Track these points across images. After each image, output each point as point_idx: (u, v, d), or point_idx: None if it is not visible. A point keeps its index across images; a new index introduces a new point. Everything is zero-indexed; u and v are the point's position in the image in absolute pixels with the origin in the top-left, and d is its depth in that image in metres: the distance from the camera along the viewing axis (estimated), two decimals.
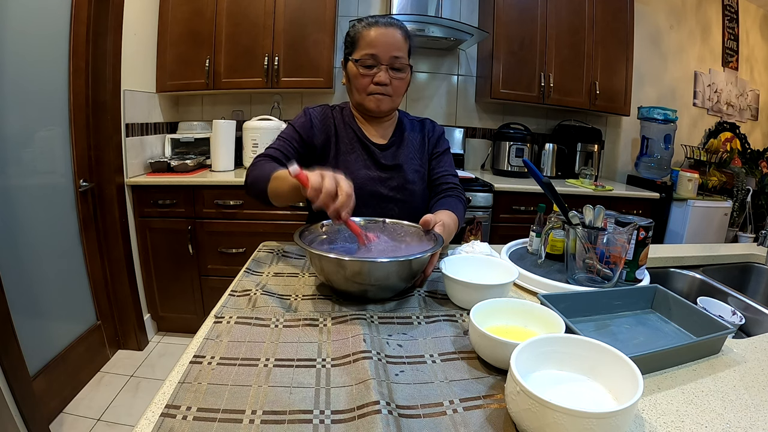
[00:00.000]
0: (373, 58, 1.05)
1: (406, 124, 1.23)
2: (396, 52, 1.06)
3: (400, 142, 1.18)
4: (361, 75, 1.07)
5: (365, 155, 1.14)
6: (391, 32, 1.05)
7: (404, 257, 0.77)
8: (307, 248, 0.78)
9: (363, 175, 1.11)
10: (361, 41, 1.06)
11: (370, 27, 1.06)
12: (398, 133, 1.19)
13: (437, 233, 0.91)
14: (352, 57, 1.08)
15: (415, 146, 1.20)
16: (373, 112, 1.12)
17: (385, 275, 0.78)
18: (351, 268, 0.76)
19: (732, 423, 0.53)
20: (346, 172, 1.09)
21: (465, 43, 2.69)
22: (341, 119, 1.17)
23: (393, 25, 1.07)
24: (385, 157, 1.15)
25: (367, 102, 1.09)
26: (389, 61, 1.05)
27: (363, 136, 1.15)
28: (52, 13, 1.75)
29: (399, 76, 1.08)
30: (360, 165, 1.12)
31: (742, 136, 3.42)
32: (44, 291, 1.75)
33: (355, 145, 1.14)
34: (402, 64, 1.07)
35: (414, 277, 0.84)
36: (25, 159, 1.67)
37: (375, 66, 1.06)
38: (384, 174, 1.14)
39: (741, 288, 1.28)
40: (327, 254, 0.75)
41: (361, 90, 1.09)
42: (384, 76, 1.06)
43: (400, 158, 1.16)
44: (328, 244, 0.93)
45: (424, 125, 1.25)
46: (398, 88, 1.10)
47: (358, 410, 0.51)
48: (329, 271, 0.79)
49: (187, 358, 0.61)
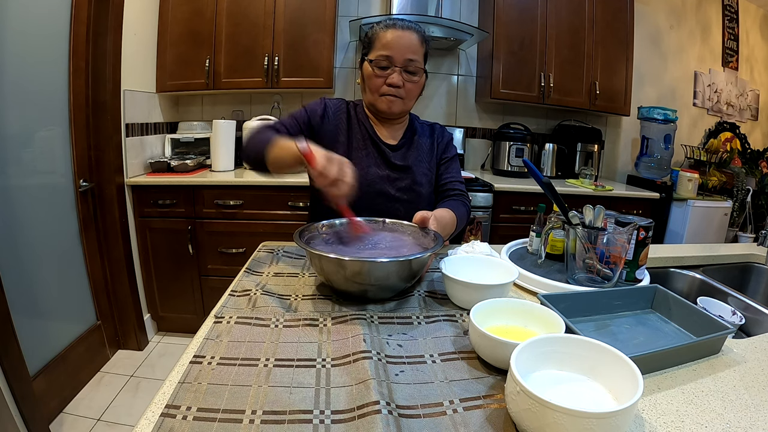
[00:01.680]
0: (387, 60, 1.06)
1: (417, 127, 1.24)
2: (411, 55, 1.06)
3: (410, 145, 1.19)
4: (375, 76, 1.08)
5: (376, 154, 1.15)
6: (407, 35, 1.06)
7: (404, 257, 0.77)
8: (307, 248, 0.78)
9: (372, 173, 1.12)
10: (377, 42, 1.07)
11: (387, 29, 1.07)
12: (408, 135, 1.20)
13: (437, 233, 0.90)
14: (367, 57, 1.09)
15: (425, 150, 1.21)
16: (385, 113, 1.13)
17: (385, 275, 0.78)
18: (351, 268, 0.76)
19: (732, 423, 0.53)
20: (357, 167, 1.10)
21: (465, 43, 2.69)
22: (355, 116, 1.18)
23: (410, 28, 1.07)
24: (395, 157, 1.16)
25: (379, 103, 1.10)
26: (403, 63, 1.06)
27: (375, 135, 1.16)
28: (52, 13, 1.75)
29: (412, 79, 1.09)
30: (370, 162, 1.13)
31: (742, 136, 3.42)
32: (44, 291, 1.75)
33: (366, 143, 1.15)
34: (416, 68, 1.08)
35: (414, 277, 0.84)
36: (25, 159, 1.67)
37: (389, 67, 1.07)
38: (393, 174, 1.15)
39: (741, 288, 1.28)
40: (327, 254, 0.75)
41: (374, 90, 1.10)
42: (397, 78, 1.06)
43: (410, 160, 1.17)
44: (327, 244, 0.93)
45: (434, 130, 1.26)
46: (411, 90, 1.10)
47: (358, 410, 0.51)
48: (329, 271, 0.79)
49: (187, 358, 0.61)
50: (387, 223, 1.01)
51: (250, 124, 2.39)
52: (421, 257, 0.78)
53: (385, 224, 1.01)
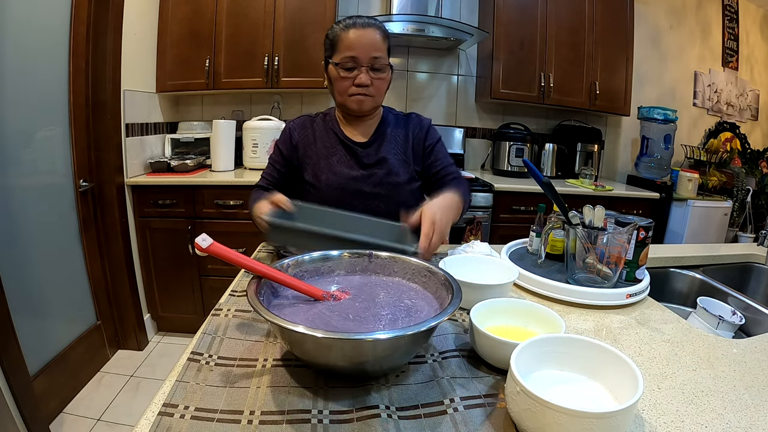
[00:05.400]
0: (353, 61, 1.05)
1: (390, 120, 1.22)
2: (375, 52, 1.05)
3: (383, 139, 1.18)
4: (342, 78, 1.07)
5: (347, 155, 1.15)
6: (369, 33, 1.05)
7: (402, 331, 0.51)
8: (276, 319, 0.51)
9: (345, 174, 1.12)
10: (340, 44, 1.06)
11: (348, 29, 1.06)
12: (381, 130, 1.19)
13: (448, 274, 0.68)
14: (332, 60, 1.08)
15: (399, 141, 1.19)
16: (356, 112, 1.13)
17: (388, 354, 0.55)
18: (336, 347, 0.53)
19: (732, 423, 0.53)
20: (329, 173, 1.11)
21: (465, 43, 2.69)
22: (323, 125, 1.19)
23: (371, 25, 1.07)
24: (367, 155, 1.15)
25: (350, 103, 1.10)
26: (369, 62, 1.05)
27: (344, 137, 1.16)
28: (52, 13, 1.75)
29: (379, 76, 1.08)
30: (342, 165, 1.13)
31: (742, 136, 3.42)
32: (44, 291, 1.75)
33: (336, 147, 1.15)
34: (382, 64, 1.07)
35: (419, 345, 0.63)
36: (25, 159, 1.67)
37: (355, 68, 1.06)
38: (366, 171, 1.14)
39: (741, 288, 1.27)
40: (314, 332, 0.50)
41: (343, 92, 1.09)
42: (365, 78, 1.06)
43: (383, 152, 1.16)
44: (295, 305, 0.64)
45: (409, 120, 1.24)
46: (379, 87, 1.10)
47: (357, 412, 0.51)
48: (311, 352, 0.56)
49: (185, 358, 0.61)
50: (375, 259, 0.76)
51: (250, 124, 2.39)
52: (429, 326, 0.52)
53: (372, 260, 0.76)
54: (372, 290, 0.71)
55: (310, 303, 0.65)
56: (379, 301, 0.67)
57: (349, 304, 0.65)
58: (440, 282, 0.68)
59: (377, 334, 0.50)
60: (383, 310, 0.64)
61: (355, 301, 0.67)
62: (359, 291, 0.70)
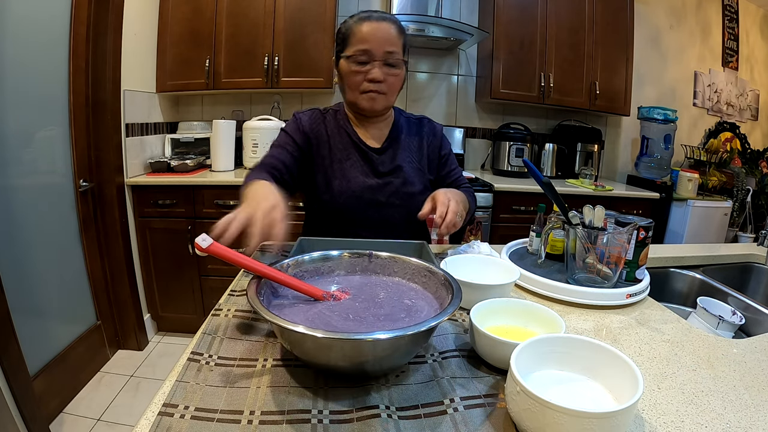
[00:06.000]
0: (366, 54, 1.00)
1: (403, 124, 1.18)
2: (390, 47, 1.00)
3: (397, 146, 1.13)
4: (354, 72, 1.02)
5: (362, 162, 1.10)
6: (384, 26, 1.01)
7: (402, 331, 0.50)
8: (278, 321, 0.51)
9: (360, 182, 1.07)
10: (352, 37, 1.01)
11: (362, 22, 1.01)
12: (394, 135, 1.15)
13: (448, 274, 0.67)
14: (344, 54, 1.03)
15: (413, 149, 1.16)
16: (367, 112, 1.08)
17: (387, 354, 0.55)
18: (335, 347, 0.53)
19: (732, 423, 0.53)
20: (342, 179, 1.06)
21: (465, 43, 2.69)
22: (334, 123, 1.12)
23: (386, 19, 1.02)
24: (382, 163, 1.10)
25: (361, 101, 1.04)
26: (383, 56, 1.00)
27: (358, 140, 1.10)
28: (52, 14, 1.75)
29: (393, 72, 1.03)
30: (357, 172, 1.08)
31: (742, 136, 3.42)
32: (44, 291, 1.75)
33: (350, 151, 1.10)
34: (396, 60, 1.02)
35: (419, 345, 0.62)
36: (25, 159, 1.67)
37: (368, 62, 1.01)
38: (381, 180, 1.09)
39: (741, 288, 1.27)
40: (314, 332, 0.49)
41: (354, 88, 1.04)
42: (378, 73, 1.00)
43: (398, 160, 1.12)
44: (296, 304, 0.64)
45: (421, 125, 1.20)
46: (393, 85, 1.04)
47: (357, 412, 0.51)
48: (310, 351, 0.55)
49: (185, 358, 0.61)
50: (375, 258, 0.75)
51: (250, 124, 2.39)
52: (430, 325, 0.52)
53: (371, 260, 0.76)
54: (372, 290, 0.70)
55: (310, 303, 0.65)
56: (379, 301, 0.67)
57: (349, 304, 0.65)
58: (440, 282, 0.68)
59: (377, 334, 0.49)
60: (383, 310, 0.64)
61: (355, 301, 0.67)
62: (359, 291, 0.70)
